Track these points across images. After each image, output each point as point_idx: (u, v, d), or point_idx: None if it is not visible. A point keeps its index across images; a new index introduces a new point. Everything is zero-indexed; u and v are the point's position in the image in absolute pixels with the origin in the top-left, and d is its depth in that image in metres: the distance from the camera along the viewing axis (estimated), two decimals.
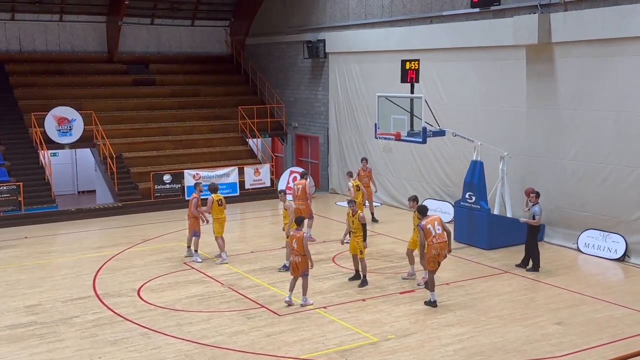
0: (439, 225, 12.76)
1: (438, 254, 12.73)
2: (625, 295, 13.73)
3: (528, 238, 15.39)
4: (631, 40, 15.52)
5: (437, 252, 12.69)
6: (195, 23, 30.59)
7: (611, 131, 16.20)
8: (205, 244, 17.97)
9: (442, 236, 12.71)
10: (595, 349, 11.02)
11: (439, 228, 12.71)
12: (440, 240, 12.68)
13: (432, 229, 12.70)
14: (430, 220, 12.84)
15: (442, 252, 12.75)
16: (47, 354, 11.10)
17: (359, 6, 23.61)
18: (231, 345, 11.34)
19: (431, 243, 12.67)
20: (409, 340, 11.47)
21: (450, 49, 20.13)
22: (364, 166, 20.47)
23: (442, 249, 12.70)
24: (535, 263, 15.30)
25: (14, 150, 23.31)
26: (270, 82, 28.90)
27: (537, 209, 15.08)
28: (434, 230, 12.70)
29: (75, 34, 28.32)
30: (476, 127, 19.11)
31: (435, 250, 12.66)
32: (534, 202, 15.18)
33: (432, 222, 12.79)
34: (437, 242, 12.67)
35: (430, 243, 12.67)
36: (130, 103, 27.08)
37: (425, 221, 12.85)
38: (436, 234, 12.67)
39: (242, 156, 26.47)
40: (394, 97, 17.27)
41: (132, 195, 23.16)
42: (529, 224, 15.23)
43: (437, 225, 12.76)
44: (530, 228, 15.28)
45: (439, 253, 12.72)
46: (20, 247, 18.25)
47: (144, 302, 13.54)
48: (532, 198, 15.31)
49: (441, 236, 12.70)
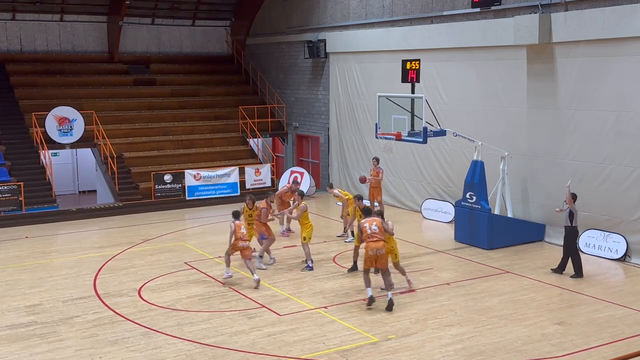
0: (376, 226, 12.88)
1: (375, 255, 12.71)
2: (625, 295, 13.73)
3: (566, 242, 14.97)
4: (631, 40, 15.52)
5: (373, 253, 12.70)
6: (196, 23, 30.61)
7: (611, 131, 16.21)
8: (207, 244, 18.00)
9: (376, 235, 12.78)
10: (595, 349, 11.02)
11: (375, 228, 12.83)
12: (373, 239, 12.76)
13: (367, 227, 12.89)
14: (370, 220, 13.06)
15: (380, 252, 12.73)
16: (48, 353, 11.11)
17: (360, 6, 23.62)
18: (232, 345, 11.34)
19: (367, 241, 12.84)
20: (410, 340, 11.47)
21: (451, 49, 20.13)
22: (374, 165, 20.46)
23: (378, 249, 12.72)
24: (578, 269, 14.85)
25: (14, 150, 23.31)
26: (271, 82, 28.91)
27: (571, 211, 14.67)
28: (369, 229, 12.85)
29: (76, 34, 28.34)
30: (477, 127, 19.12)
31: (372, 251, 12.71)
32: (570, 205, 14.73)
33: (371, 222, 12.98)
34: (371, 241, 12.76)
35: (366, 240, 12.85)
36: (130, 103, 27.09)
37: (365, 220, 13.12)
38: (371, 233, 12.79)
39: (243, 156, 26.47)
40: (394, 97, 17.28)
41: (132, 195, 23.17)
42: (566, 229, 14.86)
43: (375, 226, 12.88)
44: (567, 232, 14.90)
45: (375, 253, 12.71)
46: (20, 247, 18.25)
47: (145, 302, 13.54)
48: (568, 199, 14.76)
49: (375, 235, 12.78)
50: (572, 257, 14.94)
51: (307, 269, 15.48)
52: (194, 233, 18.16)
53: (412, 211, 21.96)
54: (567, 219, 14.79)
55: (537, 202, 18.13)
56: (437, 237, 18.79)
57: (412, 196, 22.18)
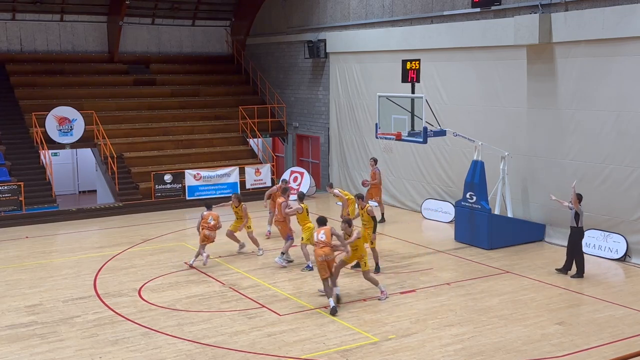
0: (323, 234, 13.04)
1: (325, 260, 12.84)
2: (625, 295, 13.73)
3: (571, 242, 14.94)
4: (631, 40, 15.52)
5: (322, 259, 12.83)
6: (196, 23, 30.61)
7: (612, 131, 16.21)
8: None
9: (322, 242, 12.94)
10: (595, 349, 11.02)
11: (322, 236, 13.00)
12: (320, 246, 12.93)
13: (315, 236, 13.14)
14: (319, 229, 13.24)
15: (329, 258, 12.87)
16: (48, 353, 11.11)
17: (360, 6, 23.62)
18: (232, 345, 11.34)
19: (315, 248, 13.05)
20: (410, 340, 11.47)
21: (451, 49, 20.13)
22: (371, 166, 20.43)
23: (326, 255, 12.84)
24: (580, 269, 14.88)
25: (14, 150, 23.32)
26: (271, 82, 28.91)
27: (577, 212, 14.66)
28: (317, 237, 13.07)
29: (76, 34, 28.34)
30: (477, 127, 19.12)
31: (320, 257, 12.84)
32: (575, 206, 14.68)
33: (319, 231, 13.18)
34: (318, 248, 12.94)
35: (316, 247, 13.03)
36: (131, 103, 27.10)
37: (317, 229, 13.32)
38: (317, 241, 13.02)
39: (243, 156, 26.48)
40: (394, 97, 17.29)
41: (132, 195, 23.17)
42: (572, 230, 14.85)
43: (322, 234, 13.04)
44: (573, 232, 14.88)
45: (325, 259, 12.83)
46: (21, 246, 18.25)
47: (145, 302, 13.54)
48: (573, 200, 14.70)
49: (321, 242, 12.94)
50: (576, 257, 14.94)
51: (306, 268, 15.49)
52: (194, 233, 18.13)
53: (412, 211, 21.96)
54: (573, 220, 14.79)
55: (537, 202, 18.14)
56: (437, 237, 18.79)
57: (412, 196, 22.19)
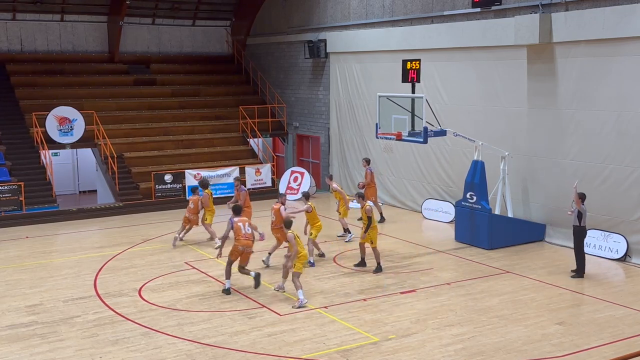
0: (249, 227, 13.99)
1: (243, 251, 13.86)
2: (626, 295, 13.73)
3: (575, 242, 14.98)
4: (631, 40, 15.52)
5: (242, 249, 13.83)
6: (196, 23, 30.61)
7: (612, 131, 16.21)
8: (207, 244, 18.00)
9: (249, 235, 13.88)
10: (595, 349, 11.03)
11: (248, 229, 13.92)
12: (246, 238, 13.82)
13: (242, 227, 13.84)
14: (242, 220, 14.03)
15: (247, 250, 13.89)
16: (48, 353, 11.11)
17: (360, 6, 23.62)
18: (232, 345, 11.35)
19: (240, 238, 13.78)
20: (410, 340, 11.48)
21: (451, 49, 20.13)
22: (364, 166, 20.44)
23: (247, 246, 13.87)
24: (580, 268, 14.89)
25: (15, 150, 23.31)
26: (271, 82, 28.91)
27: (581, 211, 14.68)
28: (244, 229, 13.84)
29: (76, 34, 28.34)
30: (477, 127, 19.12)
31: (241, 247, 13.80)
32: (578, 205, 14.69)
33: (244, 222, 13.98)
34: (244, 239, 13.80)
35: (239, 238, 13.78)
36: (131, 103, 27.10)
37: (237, 219, 13.99)
38: (245, 233, 13.81)
39: (243, 156, 26.48)
40: (394, 97, 17.29)
41: (133, 195, 23.17)
42: (575, 229, 14.85)
43: (248, 227, 13.95)
44: (576, 232, 14.89)
45: (244, 250, 13.85)
46: (21, 246, 18.26)
47: (145, 302, 13.55)
48: (575, 199, 14.69)
49: (248, 235, 13.87)
50: (577, 255, 14.96)
51: (307, 264, 15.50)
52: (194, 233, 18.16)
53: (412, 211, 21.96)
54: (576, 219, 14.81)
55: (538, 202, 18.14)
56: (438, 237, 18.80)
57: (412, 196, 22.19)
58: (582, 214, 14.73)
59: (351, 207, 18.44)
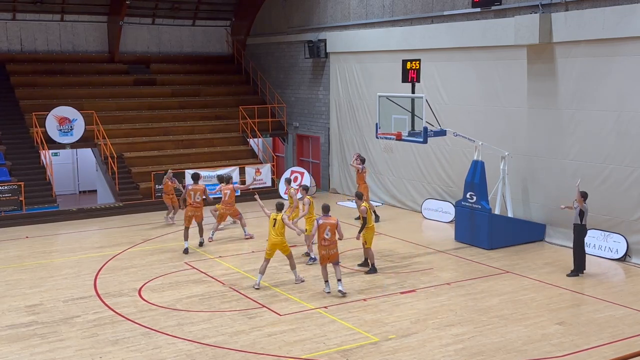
0: (199, 196, 17.09)
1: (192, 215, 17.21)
2: (626, 295, 13.73)
3: (575, 240, 14.99)
4: (631, 40, 15.52)
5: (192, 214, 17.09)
6: (196, 23, 30.61)
7: (612, 131, 16.20)
8: (207, 244, 17.99)
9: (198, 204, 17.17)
10: (595, 349, 11.03)
11: (198, 197, 17.03)
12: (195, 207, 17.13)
13: (192, 195, 16.89)
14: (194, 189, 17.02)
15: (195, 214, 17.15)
16: (48, 353, 11.11)
17: (360, 6, 23.62)
18: (232, 345, 11.35)
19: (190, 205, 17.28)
20: (410, 340, 11.48)
21: (451, 49, 20.13)
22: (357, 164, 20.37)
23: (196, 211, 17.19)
24: (578, 267, 14.90)
25: (15, 150, 23.32)
26: (271, 82, 28.91)
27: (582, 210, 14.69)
28: (194, 198, 17.11)
29: (77, 34, 28.34)
30: (477, 127, 19.12)
31: (190, 212, 16.96)
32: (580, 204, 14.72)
33: (195, 191, 16.96)
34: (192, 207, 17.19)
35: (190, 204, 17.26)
36: (131, 103, 27.10)
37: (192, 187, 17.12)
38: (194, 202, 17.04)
39: (243, 156, 26.48)
40: (394, 97, 17.29)
41: (132, 195, 23.17)
42: (575, 227, 14.87)
43: (198, 196, 17.03)
44: (576, 230, 14.91)
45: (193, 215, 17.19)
46: (21, 246, 18.26)
47: (145, 302, 13.55)
48: (577, 198, 14.71)
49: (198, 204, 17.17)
50: (576, 254, 14.96)
51: (311, 260, 15.82)
52: (194, 233, 18.14)
53: (412, 211, 21.96)
54: (577, 217, 14.82)
55: (538, 202, 18.14)
56: (438, 237, 18.79)
57: (412, 196, 22.19)
58: (583, 212, 14.74)
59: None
